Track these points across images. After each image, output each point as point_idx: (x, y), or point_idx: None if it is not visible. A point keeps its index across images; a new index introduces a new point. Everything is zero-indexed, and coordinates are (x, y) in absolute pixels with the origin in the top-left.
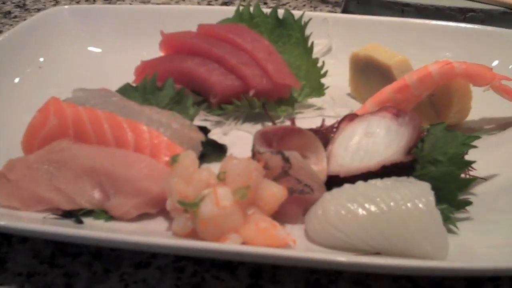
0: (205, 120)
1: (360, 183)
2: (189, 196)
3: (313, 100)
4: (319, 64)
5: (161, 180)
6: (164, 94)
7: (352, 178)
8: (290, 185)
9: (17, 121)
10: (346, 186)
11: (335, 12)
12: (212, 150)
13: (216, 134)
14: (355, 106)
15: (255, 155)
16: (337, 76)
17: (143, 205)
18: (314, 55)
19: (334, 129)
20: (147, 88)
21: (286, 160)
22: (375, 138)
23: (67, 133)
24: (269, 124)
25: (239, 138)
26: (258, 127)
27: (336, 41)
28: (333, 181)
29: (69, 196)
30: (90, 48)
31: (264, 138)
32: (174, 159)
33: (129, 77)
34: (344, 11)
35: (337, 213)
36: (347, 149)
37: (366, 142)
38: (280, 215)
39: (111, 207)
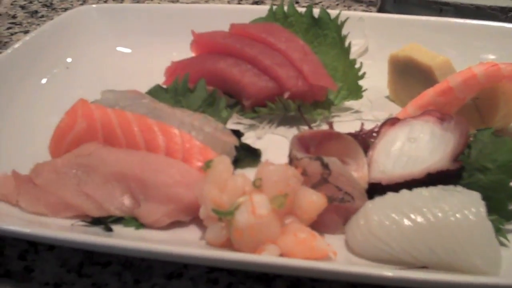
0: (238, 123)
1: (404, 192)
2: (223, 204)
3: (350, 103)
4: (357, 65)
5: (194, 186)
6: (196, 96)
7: (395, 186)
8: (330, 193)
9: (44, 123)
10: (390, 194)
11: (370, 11)
12: (246, 155)
13: (249, 138)
14: (394, 109)
15: (292, 161)
16: (374, 78)
17: (175, 212)
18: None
19: (374, 134)
20: (178, 89)
21: (326, 166)
22: (418, 143)
23: (96, 136)
24: (305, 128)
25: (273, 142)
26: (293, 131)
27: (372, 41)
28: (375, 189)
29: (98, 202)
30: (118, 48)
31: (302, 143)
32: (207, 165)
33: (159, 78)
34: (380, 10)
35: (380, 224)
36: (389, 155)
37: (409, 148)
38: (318, 225)
39: (141, 214)
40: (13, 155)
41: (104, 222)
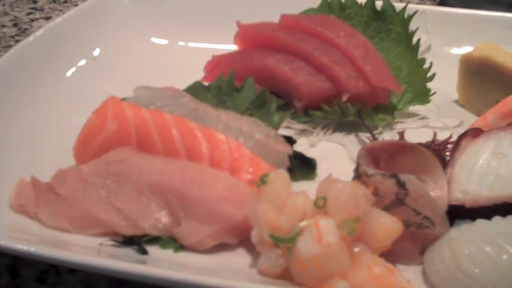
0: (288, 127)
1: (498, 220)
2: (281, 228)
3: (415, 108)
4: (426, 65)
5: (243, 203)
6: (243, 97)
7: (482, 210)
8: (406, 216)
9: (68, 123)
10: (480, 222)
11: (429, 5)
12: (299, 166)
13: (301, 146)
14: (465, 116)
15: (360, 176)
16: (439, 80)
17: (221, 233)
18: None
19: (449, 146)
20: (223, 88)
21: (402, 185)
22: (508, 160)
23: (129, 140)
24: (365, 135)
25: (328, 151)
26: (351, 138)
27: (435, 38)
28: (456, 212)
29: (130, 219)
30: (153, 40)
31: (371, 156)
32: (263, 180)
33: (198, 74)
34: (441, 4)
35: (471, 258)
36: (472, 173)
37: (496, 165)
38: (390, 253)
39: (181, 234)
40: (32, 159)
41: (137, 242)
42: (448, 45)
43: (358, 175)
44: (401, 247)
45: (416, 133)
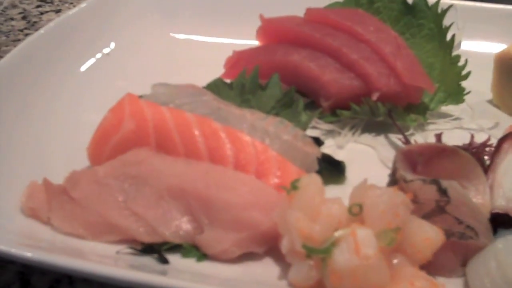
0: (313, 128)
1: None
2: (315, 237)
3: (447, 108)
4: (461, 63)
5: (271, 210)
6: (269, 95)
7: None
8: (447, 225)
9: (81, 120)
10: None
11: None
12: (327, 169)
13: (328, 147)
14: (500, 117)
15: (398, 182)
16: (472, 79)
17: (248, 242)
18: None
19: (487, 149)
20: (246, 86)
21: (443, 192)
22: None
23: (147, 140)
24: (396, 136)
25: (357, 153)
26: (381, 140)
27: (467, 34)
28: (499, 221)
29: (149, 225)
30: (170, 34)
31: (408, 160)
32: (294, 185)
33: (217, 71)
34: None
35: None
36: None
37: None
38: (430, 265)
39: (204, 242)
40: (43, 160)
41: (157, 250)
42: (481, 42)
43: (395, 181)
44: (441, 259)
45: (449, 135)
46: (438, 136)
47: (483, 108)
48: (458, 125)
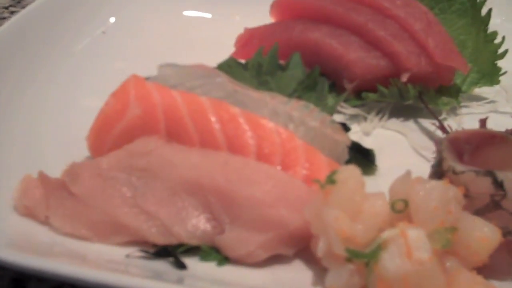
0: (336, 112)
1: None
2: (357, 239)
3: (480, 90)
4: (497, 41)
5: (301, 206)
6: (290, 76)
7: None
8: (502, 222)
9: (78, 106)
10: None
11: None
12: (356, 158)
13: (353, 134)
14: None
15: (445, 174)
16: (505, 57)
17: (276, 243)
18: None
19: None
20: (264, 66)
21: (499, 185)
22: None
23: (156, 127)
24: (427, 121)
25: (386, 140)
26: (410, 125)
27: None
28: None
29: (162, 224)
30: (177, 10)
31: (454, 148)
32: (331, 179)
33: (227, 50)
34: None
35: None
36: None
37: None
38: (482, 268)
39: (226, 243)
40: (38, 150)
41: (172, 253)
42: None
43: (441, 172)
44: (495, 260)
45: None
46: (483, 121)
47: None
48: (493, 109)
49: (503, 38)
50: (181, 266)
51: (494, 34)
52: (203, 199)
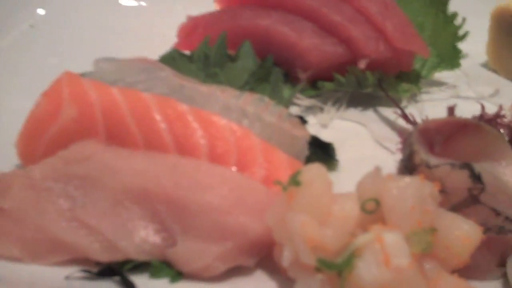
0: (291, 104)
1: None
2: (327, 246)
3: (440, 75)
4: (458, 22)
5: (262, 211)
6: (240, 67)
7: None
8: (482, 218)
9: (6, 107)
10: None
11: None
12: (316, 154)
13: (311, 126)
14: (498, 82)
15: (416, 168)
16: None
17: (235, 254)
18: None
19: (499, 120)
20: (211, 57)
21: (477, 178)
22: None
23: (95, 130)
24: (387, 110)
25: (345, 131)
26: (370, 115)
27: None
28: None
29: (106, 239)
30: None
31: (426, 139)
32: (295, 180)
33: (169, 41)
34: None
35: None
36: None
37: None
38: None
39: (179, 257)
40: None
41: (119, 271)
42: None
43: (412, 166)
44: (475, 258)
45: (444, 105)
46: (451, 109)
47: (478, 73)
48: (455, 94)
49: (464, 19)
50: (129, 285)
51: (454, 15)
52: (150, 208)
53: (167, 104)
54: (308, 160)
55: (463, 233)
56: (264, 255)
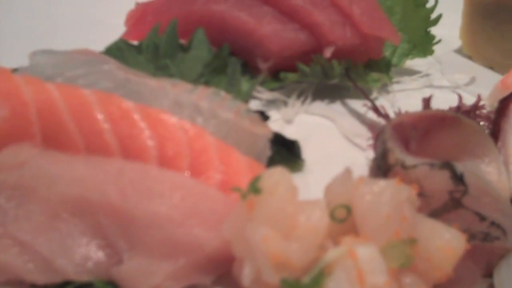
0: (251, 98)
1: None
2: (292, 263)
3: (411, 63)
4: (429, 4)
5: (219, 222)
6: (193, 58)
7: None
8: (465, 224)
9: None
10: None
11: None
12: (279, 153)
13: (273, 123)
14: (474, 69)
15: (391, 169)
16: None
17: (189, 271)
18: None
19: (477, 111)
20: (161, 47)
21: (459, 179)
22: None
23: (29, 132)
24: (356, 103)
25: (311, 127)
26: (338, 108)
27: None
28: None
29: (42, 258)
30: None
31: (400, 135)
32: (254, 187)
33: (117, 30)
34: None
35: None
36: None
37: None
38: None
39: (126, 276)
40: None
41: None
42: None
43: (386, 167)
44: (459, 270)
45: (419, 96)
46: (427, 101)
47: (452, 60)
48: (428, 83)
49: (436, 1)
50: None
51: None
52: (93, 221)
53: (110, 101)
54: (271, 160)
55: (444, 242)
56: (222, 272)
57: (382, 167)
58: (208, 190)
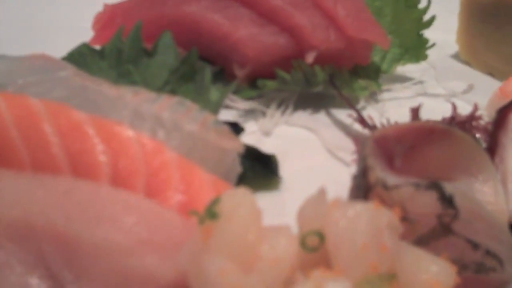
0: (226, 107)
1: None
2: None
3: (403, 69)
4: (421, 5)
5: (175, 250)
6: (159, 64)
7: None
8: (455, 253)
9: None
10: None
11: None
12: (253, 169)
13: (249, 135)
14: (471, 76)
15: (372, 189)
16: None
17: None
18: None
19: (474, 122)
20: (125, 52)
21: (448, 201)
22: None
23: None
24: (342, 113)
25: (291, 140)
26: (322, 118)
27: None
28: None
29: None
30: None
31: (383, 150)
32: (211, 212)
33: (84, 34)
34: None
35: None
36: None
37: None
38: None
39: None
40: None
41: None
42: None
43: (367, 186)
44: None
45: (412, 104)
46: (415, 111)
47: (447, 66)
48: (422, 91)
49: (429, 1)
50: None
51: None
52: (34, 248)
53: (60, 112)
54: (243, 178)
55: (431, 276)
56: None
57: (362, 187)
58: (164, 213)
